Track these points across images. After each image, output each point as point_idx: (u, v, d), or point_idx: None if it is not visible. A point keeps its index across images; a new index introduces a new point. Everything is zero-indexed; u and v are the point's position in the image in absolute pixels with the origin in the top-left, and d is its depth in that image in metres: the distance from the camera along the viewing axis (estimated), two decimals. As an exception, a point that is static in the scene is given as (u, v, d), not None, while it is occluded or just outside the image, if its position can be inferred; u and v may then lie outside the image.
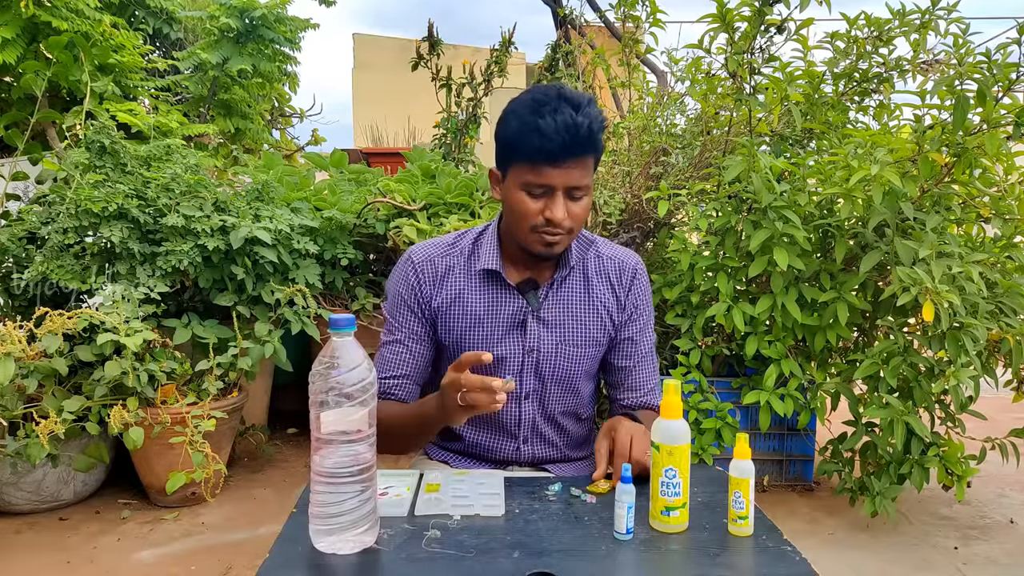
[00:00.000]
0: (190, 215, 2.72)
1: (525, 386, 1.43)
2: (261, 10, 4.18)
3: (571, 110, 1.24)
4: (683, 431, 1.06)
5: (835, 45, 2.74)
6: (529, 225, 1.30)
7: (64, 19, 3.26)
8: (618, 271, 1.48)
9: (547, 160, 1.25)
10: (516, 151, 1.28)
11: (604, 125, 1.31)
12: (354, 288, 3.41)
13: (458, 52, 5.32)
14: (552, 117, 1.23)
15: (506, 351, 1.41)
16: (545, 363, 1.42)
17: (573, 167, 1.27)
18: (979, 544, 2.48)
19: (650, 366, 1.53)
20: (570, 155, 1.25)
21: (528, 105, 1.26)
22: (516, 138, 1.27)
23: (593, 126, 1.26)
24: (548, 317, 1.42)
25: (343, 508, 0.98)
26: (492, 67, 4.17)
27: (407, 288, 1.43)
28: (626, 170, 3.21)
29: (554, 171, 1.26)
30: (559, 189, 1.28)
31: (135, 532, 2.50)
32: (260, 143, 4.90)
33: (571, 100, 1.26)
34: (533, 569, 0.95)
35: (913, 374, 2.38)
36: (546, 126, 1.22)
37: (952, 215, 2.49)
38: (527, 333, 1.41)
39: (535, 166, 1.26)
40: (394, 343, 1.43)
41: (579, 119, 1.23)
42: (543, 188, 1.28)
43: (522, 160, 1.28)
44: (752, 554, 1.02)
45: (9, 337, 2.31)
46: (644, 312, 1.51)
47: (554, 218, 1.28)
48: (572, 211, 1.30)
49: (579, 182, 1.28)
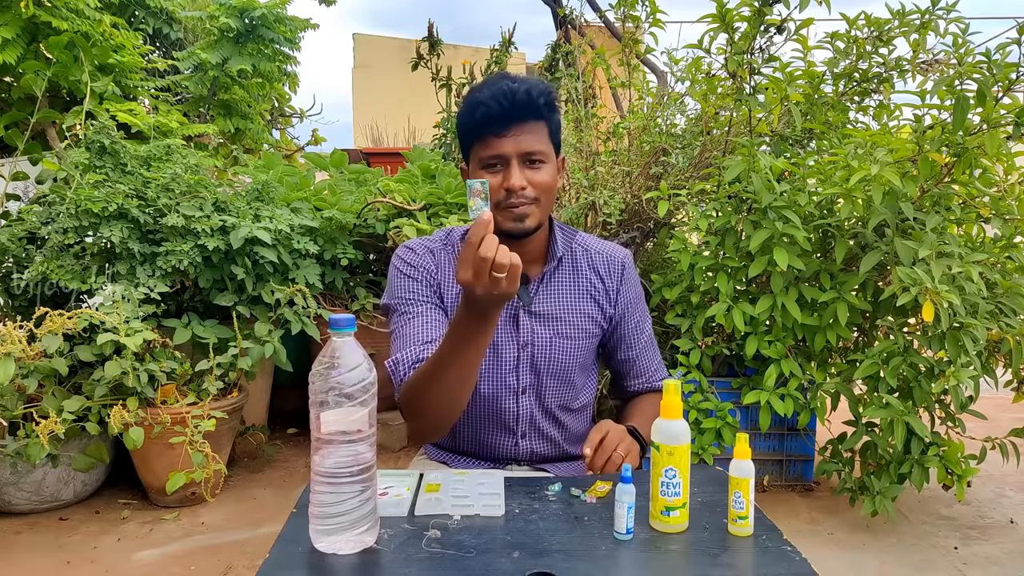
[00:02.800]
0: (190, 215, 2.72)
1: (522, 381, 1.44)
2: (261, 10, 4.18)
3: (508, 81, 1.30)
4: (683, 431, 1.06)
5: (835, 45, 2.74)
6: (493, 202, 1.32)
7: (64, 19, 3.26)
8: (607, 263, 1.50)
9: (493, 130, 1.30)
10: (467, 131, 1.34)
11: (550, 94, 1.34)
12: (354, 288, 3.41)
13: (458, 52, 5.33)
14: (490, 89, 1.30)
15: (501, 347, 1.42)
16: (540, 357, 1.43)
17: (520, 133, 1.30)
18: (979, 544, 2.48)
19: (652, 350, 1.57)
20: (513, 120, 1.29)
21: (473, 88, 1.35)
22: (465, 118, 1.34)
23: (532, 92, 1.30)
24: (540, 311, 1.43)
25: (343, 508, 0.98)
26: (492, 67, 4.18)
27: (411, 268, 1.42)
28: (626, 170, 3.21)
29: (502, 140, 1.30)
30: (513, 157, 1.31)
31: (135, 532, 2.50)
32: (260, 143, 4.90)
33: (511, 76, 1.32)
34: (533, 569, 0.95)
35: (913, 374, 2.38)
36: (484, 96, 1.29)
37: (952, 215, 2.48)
38: (520, 328, 1.42)
39: (484, 140, 1.31)
40: (412, 316, 1.38)
41: (515, 86, 1.29)
42: (496, 159, 1.31)
43: (474, 139, 1.33)
44: (752, 554, 1.02)
45: (9, 337, 2.31)
46: (638, 302, 1.54)
47: (512, 186, 1.30)
48: (532, 179, 1.32)
49: (531, 147, 1.31)
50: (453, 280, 1.43)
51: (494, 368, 1.42)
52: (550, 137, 1.35)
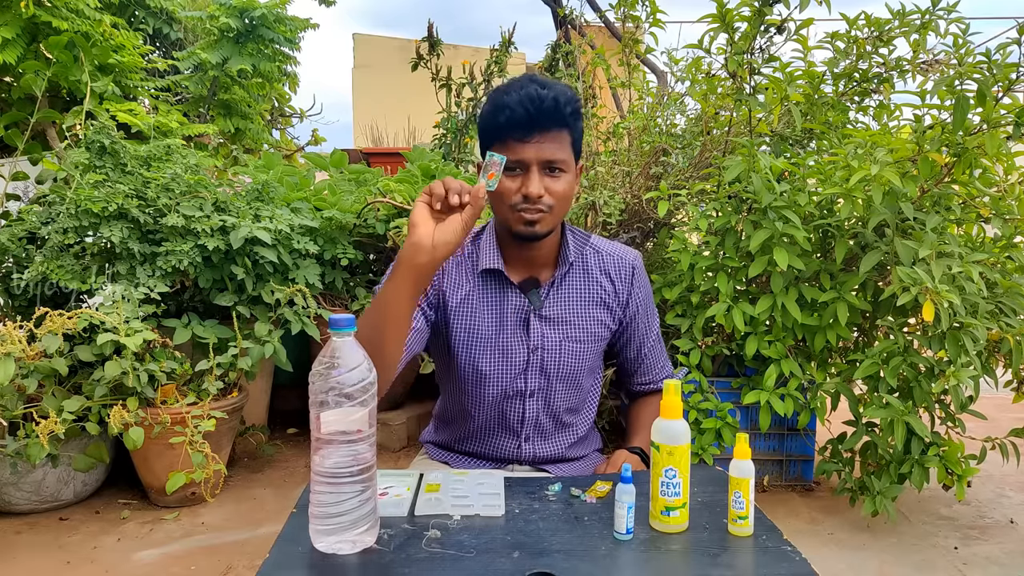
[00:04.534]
0: (190, 215, 2.72)
1: (530, 384, 1.43)
2: (261, 10, 4.18)
3: (536, 86, 1.29)
4: (683, 431, 1.06)
5: (835, 45, 2.74)
6: (508, 204, 1.33)
7: (64, 19, 3.26)
8: (617, 267, 1.49)
9: (516, 135, 1.29)
10: (489, 133, 1.33)
11: (576, 103, 1.34)
12: (354, 288, 3.41)
13: (458, 52, 5.33)
14: (517, 93, 1.29)
15: (511, 350, 1.41)
16: (549, 360, 1.42)
17: (544, 141, 1.30)
18: (979, 544, 2.48)
19: (660, 349, 1.60)
20: (537, 127, 1.29)
21: (499, 89, 1.34)
22: (488, 119, 1.33)
23: (559, 99, 1.29)
24: (550, 315, 1.43)
25: (343, 508, 0.98)
26: (492, 67, 4.18)
27: None
28: (626, 170, 3.21)
29: (525, 146, 1.30)
30: (533, 164, 1.30)
31: (135, 532, 2.50)
32: (260, 143, 4.90)
33: (539, 80, 1.31)
34: (533, 569, 0.95)
35: (913, 374, 2.38)
36: (511, 100, 1.28)
37: (952, 215, 2.48)
38: (530, 331, 1.42)
39: (506, 143, 1.31)
40: None
41: (543, 92, 1.28)
42: (517, 164, 1.31)
43: (495, 141, 1.32)
44: (752, 554, 1.02)
45: (9, 337, 2.31)
46: (648, 305, 1.56)
47: (530, 193, 1.30)
48: (550, 188, 1.32)
49: (552, 155, 1.31)
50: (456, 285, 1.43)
51: (503, 370, 1.42)
52: (572, 145, 1.35)
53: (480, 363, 1.41)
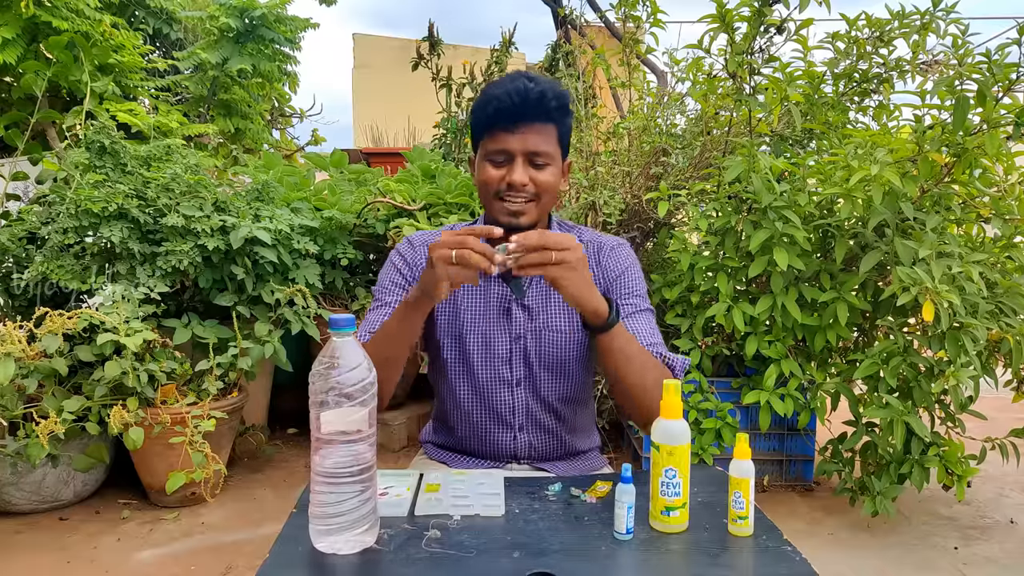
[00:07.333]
0: (190, 215, 2.72)
1: (516, 373, 1.45)
2: (261, 10, 4.18)
3: (525, 80, 1.33)
4: (683, 431, 1.06)
5: (835, 46, 2.74)
6: (492, 192, 1.36)
7: (64, 19, 3.27)
8: (596, 251, 1.50)
9: (502, 125, 1.33)
10: (478, 124, 1.37)
11: (564, 99, 1.36)
12: (354, 288, 3.41)
13: (458, 52, 5.32)
14: (506, 85, 1.32)
15: (493, 339, 1.43)
16: (533, 350, 1.44)
17: (529, 133, 1.33)
18: (979, 544, 2.48)
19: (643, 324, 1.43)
20: (523, 119, 1.32)
21: (492, 84, 1.37)
22: (478, 111, 1.36)
23: (547, 93, 1.32)
24: (532, 304, 1.44)
25: (343, 508, 0.98)
26: (492, 67, 4.18)
27: (404, 263, 1.48)
28: (626, 170, 3.21)
29: (510, 136, 1.33)
30: (518, 155, 1.33)
31: (135, 532, 2.50)
32: (260, 143, 4.90)
33: (529, 75, 1.34)
34: (533, 569, 0.95)
35: (913, 374, 2.38)
36: (500, 92, 1.31)
37: (952, 215, 2.49)
38: (512, 320, 1.43)
39: (493, 133, 1.34)
40: (382, 306, 1.45)
41: (530, 86, 1.31)
42: (502, 154, 1.34)
43: (484, 132, 1.36)
44: (752, 554, 1.02)
45: (9, 337, 2.31)
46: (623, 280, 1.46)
47: (514, 181, 1.33)
48: (535, 178, 1.35)
49: (537, 147, 1.33)
50: None
51: (487, 360, 1.44)
52: (559, 140, 1.38)
53: (465, 349, 1.44)
